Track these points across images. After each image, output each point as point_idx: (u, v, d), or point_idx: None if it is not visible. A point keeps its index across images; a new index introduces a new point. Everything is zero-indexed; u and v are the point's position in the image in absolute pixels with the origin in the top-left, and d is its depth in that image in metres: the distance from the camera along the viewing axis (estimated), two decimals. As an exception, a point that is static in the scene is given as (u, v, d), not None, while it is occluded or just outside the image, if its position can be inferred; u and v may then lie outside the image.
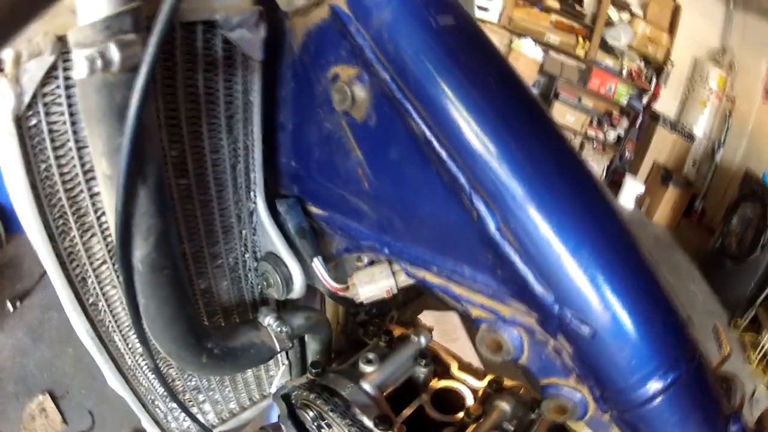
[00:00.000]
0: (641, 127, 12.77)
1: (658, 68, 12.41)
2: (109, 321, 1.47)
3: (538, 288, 1.14)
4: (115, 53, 0.93)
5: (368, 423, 1.49)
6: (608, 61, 12.09)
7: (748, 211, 9.41)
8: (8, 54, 0.97)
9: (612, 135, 12.52)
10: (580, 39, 11.83)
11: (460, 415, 1.68)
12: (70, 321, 1.44)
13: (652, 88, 12.42)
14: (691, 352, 1.19)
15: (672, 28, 12.30)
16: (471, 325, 1.38)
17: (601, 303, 1.10)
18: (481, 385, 1.79)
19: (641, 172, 12.54)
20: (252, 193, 1.56)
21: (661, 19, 12.24)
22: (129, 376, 1.63)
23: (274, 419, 1.86)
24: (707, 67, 12.44)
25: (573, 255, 1.09)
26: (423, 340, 1.77)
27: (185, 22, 1.18)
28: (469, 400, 1.76)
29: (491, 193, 1.11)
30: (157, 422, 1.84)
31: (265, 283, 1.67)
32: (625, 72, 12.19)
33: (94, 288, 1.38)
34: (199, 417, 1.89)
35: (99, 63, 0.93)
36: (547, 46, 11.87)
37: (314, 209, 1.59)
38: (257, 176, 1.54)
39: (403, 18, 1.12)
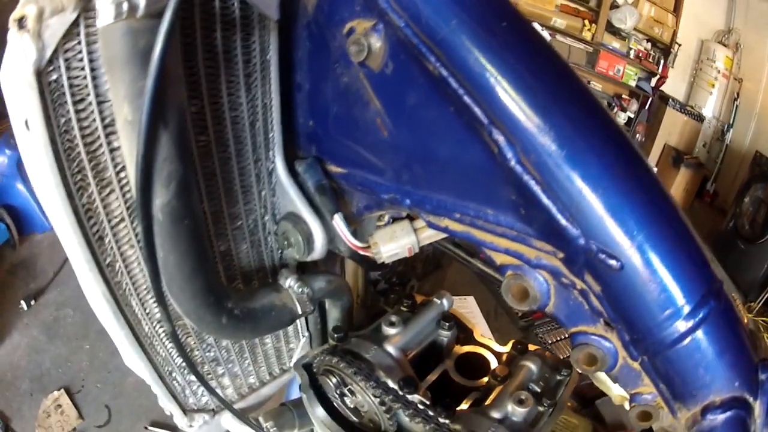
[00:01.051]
0: (651, 109, 12.78)
1: (665, 49, 12.43)
2: (126, 283, 1.46)
3: (562, 221, 1.14)
4: (140, -1, 0.95)
5: (393, 385, 1.49)
6: (615, 44, 12.10)
7: (760, 192, 9.41)
8: (31, 10, 0.98)
9: (622, 117, 12.51)
10: (586, 22, 11.83)
11: (485, 379, 1.68)
12: (85, 286, 1.42)
13: (660, 70, 12.41)
14: (718, 290, 1.20)
15: (677, 9, 12.30)
16: (489, 309, 1.39)
17: (627, 234, 1.10)
18: (505, 349, 1.79)
19: (652, 155, 12.53)
20: (271, 153, 1.57)
21: (666, 0, 12.28)
22: (146, 345, 1.61)
23: (294, 396, 1.85)
24: (713, 47, 12.49)
25: (597, 185, 1.09)
26: (446, 302, 1.77)
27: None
28: (494, 364, 1.75)
29: (509, 125, 1.12)
30: (174, 396, 1.82)
31: (285, 242, 1.67)
32: (632, 54, 12.21)
33: (112, 248, 1.38)
34: (218, 392, 1.87)
35: (125, 7, 0.96)
36: (553, 30, 11.80)
37: (333, 168, 1.59)
38: (276, 135, 1.54)
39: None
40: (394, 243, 1.52)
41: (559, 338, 5.41)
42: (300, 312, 1.66)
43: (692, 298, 1.14)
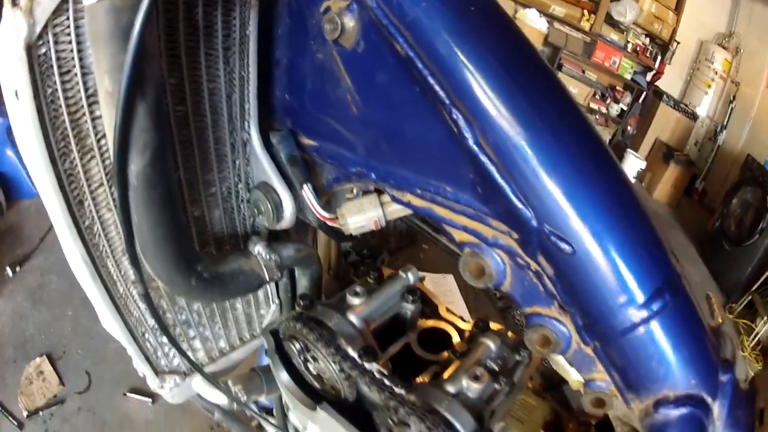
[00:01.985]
0: (645, 103, 12.85)
1: (663, 46, 12.46)
2: (103, 245, 1.52)
3: (516, 203, 1.18)
4: (123, -21, 1.01)
5: (352, 353, 1.53)
6: (613, 36, 12.12)
7: (748, 195, 9.46)
8: None
9: (615, 109, 12.63)
10: (586, 12, 11.86)
11: (446, 354, 1.71)
12: (65, 247, 1.48)
13: (657, 66, 12.46)
14: (676, 285, 1.23)
15: (678, 8, 12.30)
16: (468, 288, 1.43)
17: (580, 220, 1.14)
18: (468, 327, 1.82)
19: (643, 148, 12.63)
20: (246, 124, 1.62)
21: None
22: (120, 306, 1.67)
23: (266, 362, 1.91)
24: (713, 49, 12.50)
25: (551, 168, 1.13)
26: (411, 276, 1.81)
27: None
28: (456, 340, 1.79)
29: (469, 106, 1.16)
30: (147, 358, 1.88)
31: (257, 210, 1.72)
32: (630, 47, 12.24)
33: (90, 211, 1.44)
34: (189, 354, 1.94)
35: None
36: (551, 18, 11.89)
37: (306, 140, 1.65)
38: (252, 107, 1.60)
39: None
40: (361, 215, 1.57)
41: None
42: (267, 278, 1.72)
43: (646, 289, 1.17)
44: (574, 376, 1.45)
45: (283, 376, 1.71)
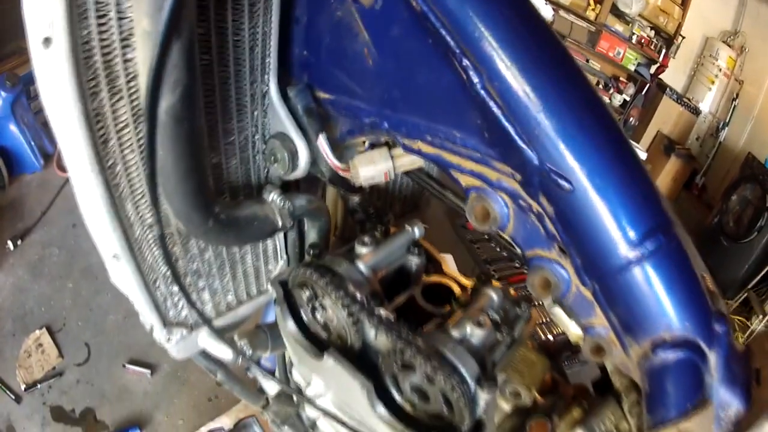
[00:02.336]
0: (647, 95, 12.82)
1: (668, 40, 12.44)
2: (124, 186, 1.57)
3: (520, 143, 1.28)
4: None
5: (361, 297, 1.61)
6: (618, 27, 12.12)
7: (748, 192, 9.48)
8: None
9: (618, 99, 12.62)
10: (591, 2, 11.88)
11: (449, 307, 1.82)
12: (83, 189, 1.54)
13: (661, 59, 12.47)
14: (669, 229, 1.31)
15: (684, 3, 12.30)
16: (467, 269, 1.51)
17: (578, 159, 1.23)
18: (469, 283, 1.92)
19: (644, 140, 12.61)
20: (266, 76, 1.71)
21: None
22: (135, 250, 1.72)
23: (270, 319, 1.99)
24: (717, 46, 12.48)
25: (552, 111, 1.23)
26: (417, 231, 1.90)
27: None
28: (459, 293, 1.88)
29: (478, 55, 1.26)
30: (156, 306, 1.93)
31: (272, 158, 1.81)
32: (635, 39, 12.25)
33: (115, 151, 1.50)
34: (198, 306, 2.02)
35: None
36: (557, 6, 11.89)
37: (322, 94, 1.74)
38: (272, 61, 1.69)
39: None
40: (372, 167, 1.67)
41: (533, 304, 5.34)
42: (280, 225, 1.80)
43: (640, 228, 1.26)
44: (573, 330, 1.54)
45: (290, 325, 1.78)
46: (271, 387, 2.60)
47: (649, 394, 1.36)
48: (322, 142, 1.73)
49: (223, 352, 2.09)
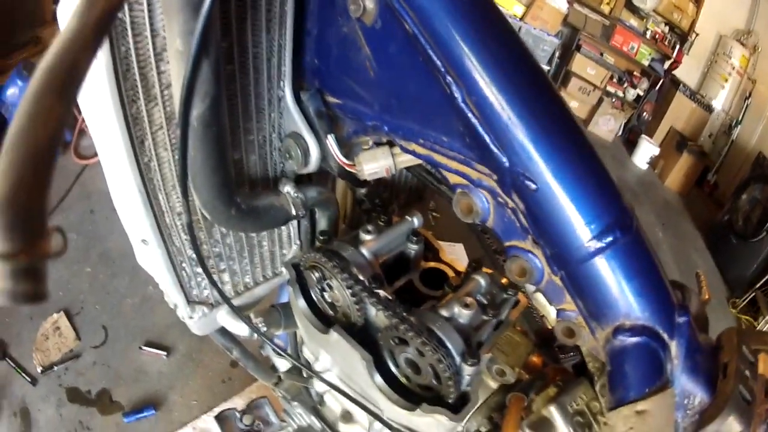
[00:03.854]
0: (661, 90, 12.95)
1: (682, 36, 12.53)
2: (157, 180, 1.81)
3: (494, 149, 1.48)
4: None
5: (364, 279, 1.83)
6: (632, 21, 12.23)
7: (757, 192, 9.62)
8: None
9: (631, 93, 12.73)
10: (606, -5, 11.86)
11: (443, 291, 2.02)
12: (121, 183, 1.77)
13: (675, 55, 12.58)
14: (628, 225, 1.49)
15: (699, 0, 12.39)
16: (474, 256, 1.71)
17: (541, 161, 1.43)
18: (464, 269, 2.12)
19: (657, 135, 12.72)
20: (282, 83, 1.92)
21: None
22: (165, 235, 1.96)
23: (284, 300, 2.21)
24: (731, 44, 12.55)
25: (519, 121, 1.42)
26: (416, 221, 2.11)
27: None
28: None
29: (459, 73, 1.46)
30: (181, 286, 2.16)
31: (287, 155, 2.02)
32: (649, 34, 12.35)
33: (150, 149, 1.72)
34: (219, 285, 2.19)
35: None
36: (572, -1, 11.93)
37: (331, 98, 1.94)
38: (287, 69, 1.89)
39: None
40: (375, 163, 1.86)
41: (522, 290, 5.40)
42: (293, 214, 2.03)
43: (597, 223, 1.44)
44: (552, 315, 1.70)
45: (300, 303, 2.00)
46: (283, 364, 2.80)
47: (611, 375, 1.51)
48: (330, 141, 1.93)
49: (239, 328, 2.31)
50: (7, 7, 5.94)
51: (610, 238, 1.44)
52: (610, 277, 1.47)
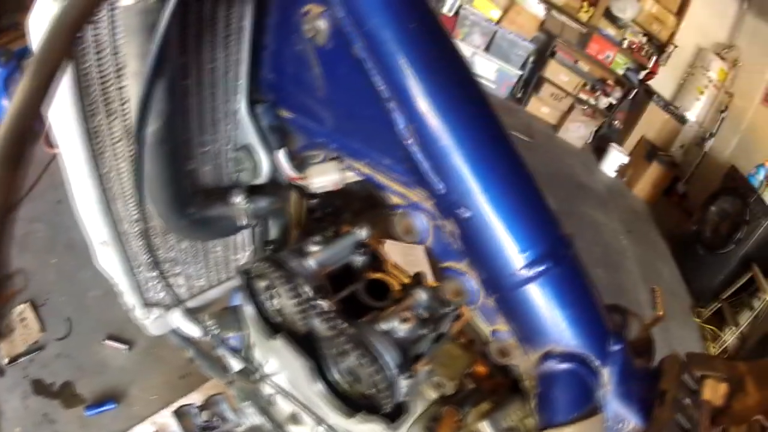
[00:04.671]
0: (634, 100, 13.06)
1: (660, 47, 12.62)
2: (116, 188, 1.88)
3: (431, 176, 1.55)
4: (152, -11, 1.39)
5: (307, 290, 1.90)
6: (610, 30, 12.32)
7: (728, 204, 9.64)
8: None
9: (604, 102, 12.81)
10: (585, 4, 12.11)
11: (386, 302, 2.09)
12: (82, 192, 1.84)
13: (651, 65, 12.69)
14: (561, 255, 1.56)
15: (680, 12, 12.45)
16: (433, 260, 1.78)
17: (476, 192, 1.50)
18: (409, 281, 2.18)
19: (627, 144, 12.86)
20: (238, 96, 1.99)
21: (671, 1, 12.43)
22: (122, 240, 2.03)
23: (237, 303, 2.29)
24: (710, 57, 12.58)
25: (455, 151, 1.50)
26: (363, 233, 2.18)
27: (200, -35, 1.58)
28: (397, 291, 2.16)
29: (401, 101, 1.53)
30: (137, 288, 2.23)
31: (239, 168, 2.11)
32: (626, 44, 12.46)
33: (110, 160, 1.81)
34: (173, 288, 2.31)
35: None
36: (550, 5, 12.15)
37: (284, 113, 2.01)
38: (243, 84, 1.97)
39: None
40: (323, 177, 1.91)
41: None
42: (243, 223, 2.12)
43: (531, 252, 1.52)
44: (487, 332, 1.76)
45: (249, 310, 2.08)
46: (236, 364, 2.88)
47: (540, 397, 1.60)
48: (281, 155, 2.00)
49: (193, 330, 2.39)
50: (-12, -7, 5.88)
51: (541, 267, 1.52)
52: (542, 304, 1.55)
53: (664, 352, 1.70)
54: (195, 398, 4.43)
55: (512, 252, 1.52)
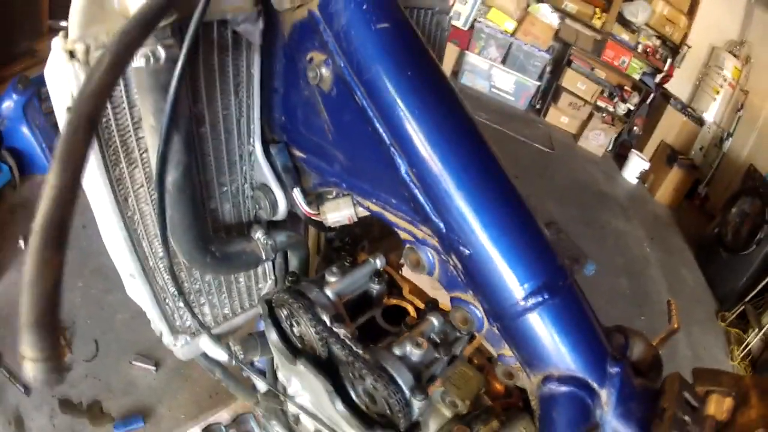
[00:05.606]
0: (652, 104, 13.00)
1: (673, 49, 12.58)
2: (141, 231, 1.96)
3: (433, 216, 1.64)
4: (161, 52, 1.47)
5: (325, 319, 1.97)
6: (624, 36, 12.30)
7: (747, 205, 9.63)
8: (80, 47, 1.44)
9: (622, 108, 12.78)
10: (598, 10, 12.10)
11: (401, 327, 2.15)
12: (109, 233, 1.91)
13: (666, 68, 12.61)
14: (556, 288, 1.60)
15: (691, 12, 12.38)
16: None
17: (474, 231, 1.58)
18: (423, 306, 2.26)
19: (647, 149, 12.75)
20: (251, 139, 2.08)
21: (681, 2, 12.34)
22: (149, 276, 2.12)
23: (261, 328, 2.37)
24: (723, 55, 12.53)
25: (454, 194, 1.57)
26: (378, 262, 2.25)
27: (205, 21, 1.61)
28: (413, 316, 2.24)
29: (402, 147, 1.61)
30: (165, 317, 2.32)
31: (257, 206, 2.21)
32: (640, 48, 12.41)
33: (133, 205, 1.88)
34: (199, 317, 2.38)
35: (152, 59, 1.47)
36: (563, 13, 12.16)
37: (297, 152, 2.09)
38: (256, 127, 2.06)
39: (352, 23, 1.59)
40: (338, 212, 2.02)
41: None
42: (264, 258, 2.21)
43: (529, 284, 1.57)
44: (495, 355, 1.85)
45: (272, 336, 2.14)
46: (262, 385, 2.97)
47: (541, 418, 1.65)
48: (296, 194, 2.10)
49: (219, 354, 2.48)
50: (4, 19, 5.99)
51: (539, 299, 1.57)
52: (541, 332, 1.60)
53: (689, 358, 1.72)
54: (223, 416, 4.45)
55: (512, 285, 1.59)
